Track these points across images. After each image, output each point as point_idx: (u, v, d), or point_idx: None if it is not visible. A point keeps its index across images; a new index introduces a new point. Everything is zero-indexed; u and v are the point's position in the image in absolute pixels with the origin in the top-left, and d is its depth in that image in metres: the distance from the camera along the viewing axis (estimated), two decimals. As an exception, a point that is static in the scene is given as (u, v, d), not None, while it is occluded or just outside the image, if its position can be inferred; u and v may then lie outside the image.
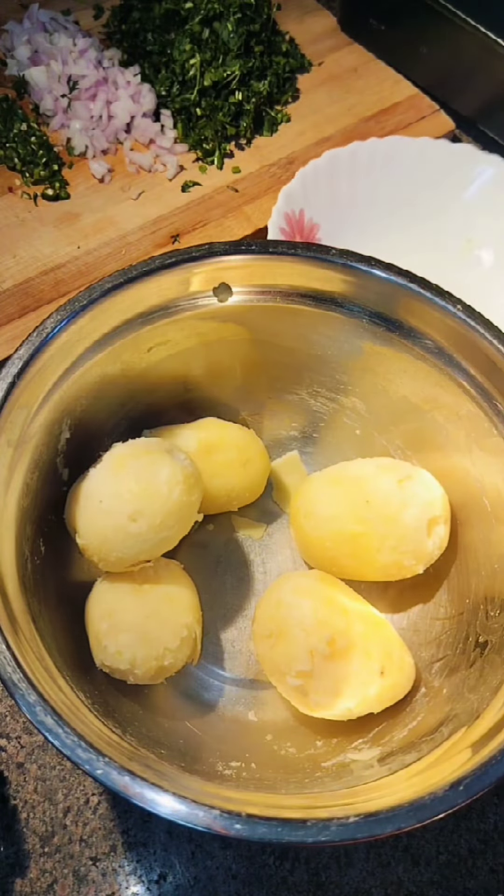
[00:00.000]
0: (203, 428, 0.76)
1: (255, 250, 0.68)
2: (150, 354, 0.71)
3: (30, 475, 0.63)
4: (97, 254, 0.94)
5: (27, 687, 0.51)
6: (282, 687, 0.67)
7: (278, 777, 0.63)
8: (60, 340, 0.63)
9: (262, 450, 0.78)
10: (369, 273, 0.67)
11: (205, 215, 0.99)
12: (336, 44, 1.17)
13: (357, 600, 0.69)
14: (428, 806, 0.49)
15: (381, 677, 0.64)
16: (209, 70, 1.03)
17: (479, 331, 0.64)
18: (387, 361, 0.72)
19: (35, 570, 0.62)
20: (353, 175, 0.98)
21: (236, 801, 0.51)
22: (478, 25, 1.01)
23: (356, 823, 0.49)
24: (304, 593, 0.67)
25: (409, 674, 0.67)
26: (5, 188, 0.99)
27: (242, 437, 0.77)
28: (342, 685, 0.64)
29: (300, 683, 0.64)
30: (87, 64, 1.03)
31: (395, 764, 0.59)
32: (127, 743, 0.56)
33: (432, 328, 0.67)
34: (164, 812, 0.48)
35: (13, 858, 0.68)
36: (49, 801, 0.71)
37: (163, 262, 0.66)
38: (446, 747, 0.57)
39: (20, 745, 0.73)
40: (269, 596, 0.69)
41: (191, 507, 0.65)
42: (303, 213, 0.94)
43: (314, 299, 0.70)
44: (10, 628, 0.53)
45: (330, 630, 0.64)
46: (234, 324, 0.72)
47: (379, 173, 0.98)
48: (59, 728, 0.50)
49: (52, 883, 0.68)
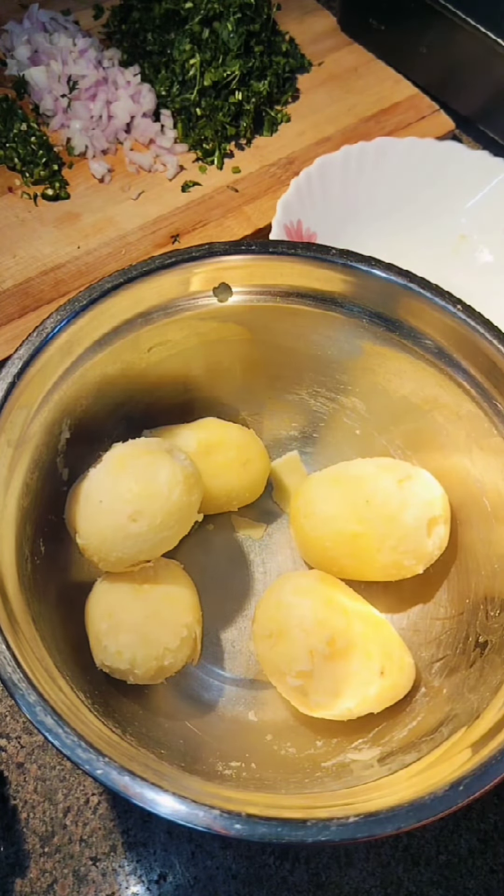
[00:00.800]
0: (203, 428, 0.76)
1: (255, 250, 0.68)
2: (150, 354, 0.71)
3: (30, 475, 0.63)
4: (97, 254, 0.94)
5: (27, 687, 0.51)
6: (282, 687, 0.67)
7: (278, 777, 0.63)
8: (60, 340, 0.63)
9: (262, 450, 0.78)
10: (369, 273, 0.67)
11: (205, 215, 0.99)
12: (336, 44, 1.17)
13: (357, 600, 0.69)
14: (428, 806, 0.49)
15: (381, 677, 0.64)
16: (209, 70, 1.03)
17: (479, 331, 0.64)
18: (387, 361, 0.72)
19: (35, 569, 0.62)
20: (346, 179, 0.98)
21: (236, 801, 0.51)
22: (478, 25, 1.00)
23: (356, 823, 0.49)
24: (304, 593, 0.67)
25: (409, 674, 0.67)
26: (5, 188, 0.99)
27: (242, 437, 0.77)
28: (342, 685, 0.64)
29: (300, 683, 0.64)
30: (87, 64, 1.03)
31: (395, 764, 0.59)
32: (127, 743, 0.56)
33: (432, 328, 0.67)
34: (164, 812, 0.48)
35: (13, 858, 0.68)
36: (49, 801, 0.71)
37: (163, 262, 0.66)
38: (446, 747, 0.57)
39: (20, 745, 0.73)
40: (269, 596, 0.69)
41: (191, 507, 0.65)
42: (300, 224, 0.94)
43: (314, 299, 0.70)
44: (10, 628, 0.53)
45: (330, 630, 0.64)
46: (234, 324, 0.72)
47: (371, 175, 0.99)
48: (59, 728, 0.50)
49: (52, 883, 0.68)
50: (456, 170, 0.98)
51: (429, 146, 0.99)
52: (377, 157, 0.98)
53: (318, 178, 0.96)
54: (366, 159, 0.98)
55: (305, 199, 0.94)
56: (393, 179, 0.99)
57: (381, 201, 0.99)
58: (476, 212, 0.99)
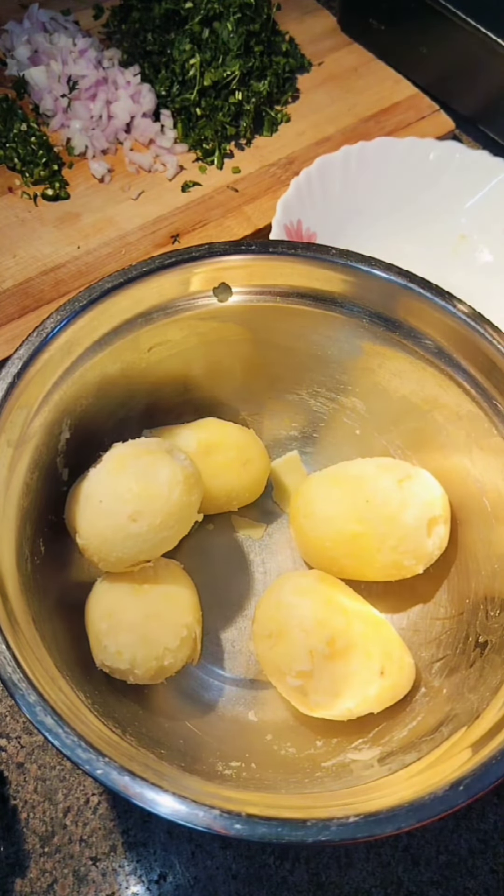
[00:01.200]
0: (203, 428, 0.76)
1: (255, 250, 0.68)
2: (150, 354, 0.71)
3: (30, 475, 0.63)
4: (97, 254, 0.94)
5: (27, 687, 0.51)
6: (282, 687, 0.67)
7: (278, 777, 0.63)
8: (60, 340, 0.63)
9: (262, 450, 0.78)
10: (369, 273, 0.67)
11: (205, 215, 0.99)
12: (336, 44, 1.17)
13: (357, 600, 0.69)
14: (428, 806, 0.49)
15: (381, 677, 0.64)
16: (209, 70, 1.03)
17: (479, 331, 0.64)
18: (387, 361, 0.72)
19: (35, 570, 0.62)
20: (346, 179, 0.98)
21: (236, 801, 0.51)
22: (478, 25, 1.00)
23: (356, 823, 0.49)
24: (304, 593, 0.67)
25: (410, 674, 0.67)
26: (5, 188, 0.99)
27: (242, 437, 0.77)
28: (342, 685, 0.64)
29: (300, 683, 0.64)
30: (87, 64, 1.03)
31: (395, 764, 0.59)
32: (127, 743, 0.56)
33: (432, 328, 0.67)
34: (165, 812, 0.48)
35: (13, 858, 0.68)
36: (49, 801, 0.71)
37: (163, 262, 0.66)
38: (446, 747, 0.57)
39: (20, 745, 0.73)
40: (269, 596, 0.69)
41: (191, 508, 0.65)
42: (300, 224, 0.94)
43: (314, 299, 0.70)
44: (10, 628, 0.53)
45: (330, 630, 0.64)
46: (234, 324, 0.72)
47: (371, 175, 0.99)
48: (60, 728, 0.50)
49: (52, 883, 0.68)
50: (456, 170, 0.98)
51: (429, 146, 0.99)
52: (377, 157, 0.98)
53: (318, 177, 0.96)
54: (366, 159, 0.98)
55: (305, 198, 0.94)
56: (393, 179, 0.99)
57: (381, 201, 0.99)
58: (476, 212, 0.99)
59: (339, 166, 0.97)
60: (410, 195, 0.99)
